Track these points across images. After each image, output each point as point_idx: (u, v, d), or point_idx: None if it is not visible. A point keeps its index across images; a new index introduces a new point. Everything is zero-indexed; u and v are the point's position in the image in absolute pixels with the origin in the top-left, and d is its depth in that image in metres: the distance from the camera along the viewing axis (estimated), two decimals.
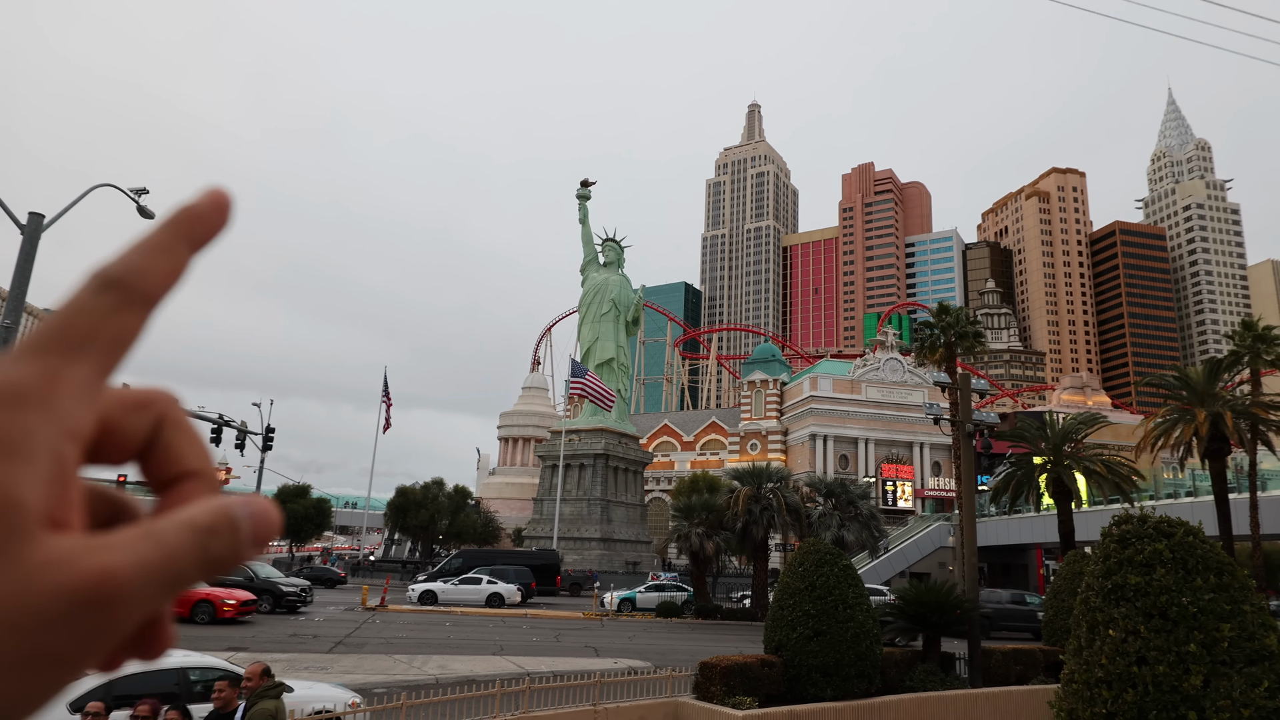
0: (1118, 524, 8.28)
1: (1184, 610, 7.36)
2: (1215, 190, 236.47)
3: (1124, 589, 7.73)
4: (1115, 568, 7.93)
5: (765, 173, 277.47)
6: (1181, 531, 7.86)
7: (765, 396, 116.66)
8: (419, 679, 21.47)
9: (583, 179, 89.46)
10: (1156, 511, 8.46)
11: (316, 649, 27.12)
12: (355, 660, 25.02)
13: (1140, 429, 39.82)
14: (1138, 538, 7.94)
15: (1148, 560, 7.74)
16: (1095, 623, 7.85)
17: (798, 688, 16.97)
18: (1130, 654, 7.40)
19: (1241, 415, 35.82)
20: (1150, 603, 7.53)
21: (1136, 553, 7.83)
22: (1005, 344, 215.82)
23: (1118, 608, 7.71)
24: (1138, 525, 8.06)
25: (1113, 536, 8.21)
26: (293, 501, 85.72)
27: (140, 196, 28.58)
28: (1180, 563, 7.63)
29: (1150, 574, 7.66)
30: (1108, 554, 8.11)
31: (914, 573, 68.13)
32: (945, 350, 44.96)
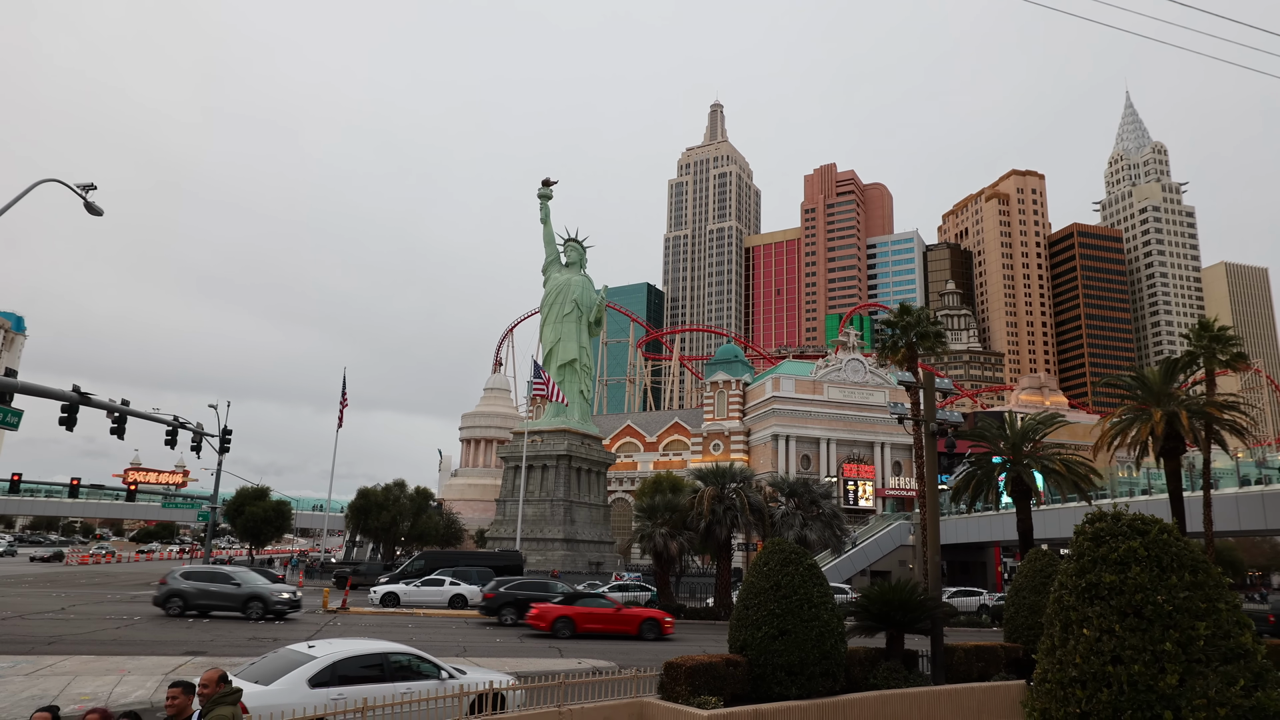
0: (1091, 522, 8.17)
1: (1159, 608, 7.25)
2: (1171, 193, 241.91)
3: (1098, 587, 7.61)
4: (1089, 566, 7.81)
5: (728, 173, 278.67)
6: (1156, 529, 7.77)
7: (728, 397, 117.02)
8: None
9: (544, 179, 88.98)
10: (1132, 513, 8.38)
11: None
12: None
13: (1097, 428, 40.33)
14: (1112, 535, 7.84)
15: (1122, 558, 7.63)
16: (1069, 621, 7.72)
17: (763, 687, 16.84)
18: (1105, 653, 7.28)
19: (1196, 415, 36.33)
20: (1125, 601, 7.41)
21: (1111, 550, 7.72)
22: (965, 344, 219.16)
23: (1092, 606, 7.58)
24: (1112, 523, 7.95)
25: (1086, 534, 8.10)
26: (252, 504, 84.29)
27: (88, 193, 27.81)
28: (1155, 560, 7.52)
29: (1125, 572, 7.54)
30: (1081, 552, 8.00)
31: (875, 571, 68.76)
32: (907, 350, 45.26)
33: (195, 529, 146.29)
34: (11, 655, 23.61)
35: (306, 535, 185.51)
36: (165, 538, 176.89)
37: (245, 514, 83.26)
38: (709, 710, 14.87)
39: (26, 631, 29.67)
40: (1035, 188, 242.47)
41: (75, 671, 21.31)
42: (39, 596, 46.23)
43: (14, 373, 33.79)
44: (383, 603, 46.58)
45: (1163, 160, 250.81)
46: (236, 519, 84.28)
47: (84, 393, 33.28)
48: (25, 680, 19.87)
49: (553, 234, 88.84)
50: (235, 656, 24.79)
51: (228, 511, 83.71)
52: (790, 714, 15.81)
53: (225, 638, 30.14)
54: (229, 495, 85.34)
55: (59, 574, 72.60)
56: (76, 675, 20.78)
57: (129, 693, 18.88)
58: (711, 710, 14.89)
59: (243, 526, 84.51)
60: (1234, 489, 43.46)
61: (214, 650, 26.43)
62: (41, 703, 16.64)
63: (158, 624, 33.84)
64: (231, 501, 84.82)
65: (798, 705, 16.00)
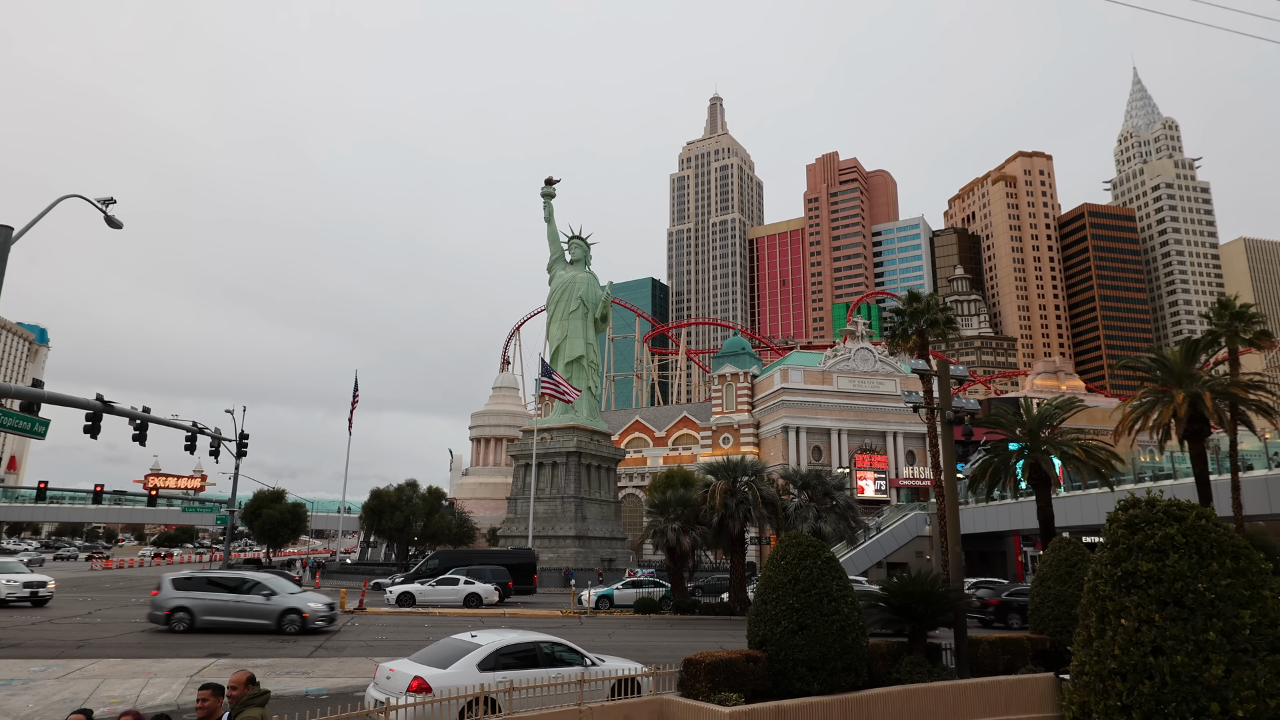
0: (1125, 508, 7.88)
1: (1200, 597, 6.97)
2: (1184, 169, 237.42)
3: (1135, 576, 7.33)
4: (1125, 554, 7.52)
5: (729, 166, 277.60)
6: (1194, 515, 7.48)
7: (736, 390, 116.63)
8: None
9: (547, 177, 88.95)
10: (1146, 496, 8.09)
11: (298, 653, 27.01)
12: (336, 664, 24.89)
13: (1117, 412, 39.71)
14: (1147, 522, 7.55)
15: (1159, 545, 7.35)
16: (1105, 612, 7.45)
17: (783, 682, 16.58)
18: (1145, 644, 7.00)
19: (1221, 395, 35.47)
20: (1164, 590, 7.14)
21: (1147, 538, 7.44)
22: (976, 330, 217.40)
23: (1129, 596, 7.31)
24: (1146, 509, 7.66)
25: (1120, 522, 7.81)
26: (268, 507, 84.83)
27: (108, 207, 28.06)
28: (1194, 547, 7.24)
29: (1163, 560, 7.26)
30: (1116, 540, 7.71)
31: (891, 563, 68.38)
32: (917, 338, 44.81)
33: (214, 532, 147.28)
34: (43, 659, 24.13)
35: (322, 536, 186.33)
36: (185, 541, 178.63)
37: (262, 517, 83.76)
38: (730, 707, 14.68)
39: (56, 636, 30.32)
40: (1043, 169, 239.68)
41: (104, 674, 21.70)
42: (66, 601, 46.69)
43: (40, 383, 34.75)
44: (399, 603, 46.57)
45: (1174, 136, 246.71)
46: (254, 522, 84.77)
47: (107, 401, 33.65)
48: (56, 684, 20.30)
49: (557, 232, 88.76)
50: (258, 658, 25.23)
51: (245, 515, 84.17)
52: (813, 710, 15.58)
53: (249, 639, 30.34)
54: (246, 499, 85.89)
55: (85, 578, 73.44)
56: (105, 678, 21.17)
57: (156, 695, 19.20)
58: (733, 707, 14.69)
59: (260, 529, 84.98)
60: (1264, 471, 42.24)
61: (237, 652, 26.64)
62: (74, 705, 17.45)
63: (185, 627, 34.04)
64: (249, 505, 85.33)
65: (820, 701, 15.77)
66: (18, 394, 30.41)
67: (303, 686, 20.67)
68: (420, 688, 14.35)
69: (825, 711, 15.71)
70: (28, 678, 20.90)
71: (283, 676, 22.09)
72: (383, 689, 15.17)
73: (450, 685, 14.16)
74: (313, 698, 19.37)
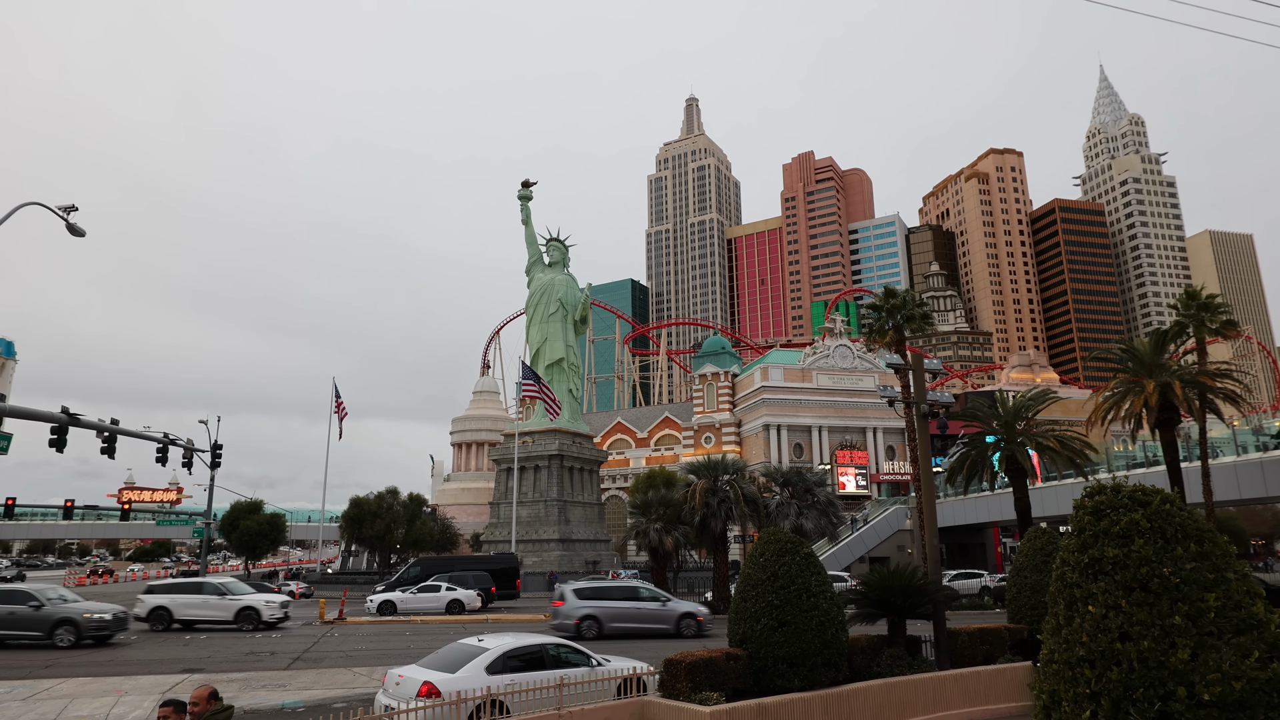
0: (1090, 495, 7.92)
1: (1166, 581, 7.01)
2: (1150, 164, 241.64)
3: (1102, 562, 7.37)
4: (1091, 540, 7.56)
5: (706, 166, 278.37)
6: (1158, 500, 7.53)
7: (717, 389, 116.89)
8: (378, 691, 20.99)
9: (524, 179, 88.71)
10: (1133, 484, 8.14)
11: (274, 666, 26.68)
12: (314, 675, 24.54)
13: (1090, 403, 40.10)
14: (1113, 508, 7.59)
15: (1124, 531, 7.39)
16: (1073, 599, 7.48)
17: (764, 680, 16.61)
18: (1112, 630, 7.03)
19: (1190, 384, 36.04)
20: (1130, 575, 7.17)
21: (1113, 524, 7.48)
22: (952, 325, 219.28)
23: (1096, 582, 7.34)
24: (1112, 495, 7.71)
25: (1086, 509, 7.85)
26: (246, 518, 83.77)
27: (69, 214, 27.69)
28: (1159, 532, 7.28)
29: (1128, 545, 7.30)
30: (1082, 527, 7.76)
31: (874, 557, 68.70)
32: (894, 333, 45.06)
33: (191, 545, 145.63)
34: (8, 680, 23.50)
35: (303, 546, 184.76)
36: (161, 555, 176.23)
37: (240, 528, 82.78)
38: (711, 706, 14.66)
39: (23, 656, 29.43)
40: (1014, 165, 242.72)
41: (72, 694, 21.21)
42: None
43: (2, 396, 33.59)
44: (380, 611, 46.18)
45: (1140, 132, 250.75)
46: (231, 533, 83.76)
47: (73, 414, 33.17)
48: (21, 705, 19.78)
49: (535, 234, 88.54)
50: (232, 673, 24.78)
51: (222, 526, 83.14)
52: (794, 707, 15.59)
53: (222, 654, 29.88)
54: (222, 510, 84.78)
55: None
56: (74, 698, 20.69)
57: (126, 713, 18.84)
58: (714, 706, 14.67)
59: (238, 540, 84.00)
60: (1232, 458, 43.13)
61: (211, 667, 26.18)
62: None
63: (154, 643, 33.55)
64: (226, 516, 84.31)
65: (801, 697, 15.79)
66: None
67: (279, 700, 20.35)
68: (430, 692, 14.55)
69: (806, 708, 15.72)
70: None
71: (258, 690, 21.77)
72: (392, 695, 15.40)
73: (460, 688, 14.34)
74: (289, 711, 19.14)
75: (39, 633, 31.28)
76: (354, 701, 19.58)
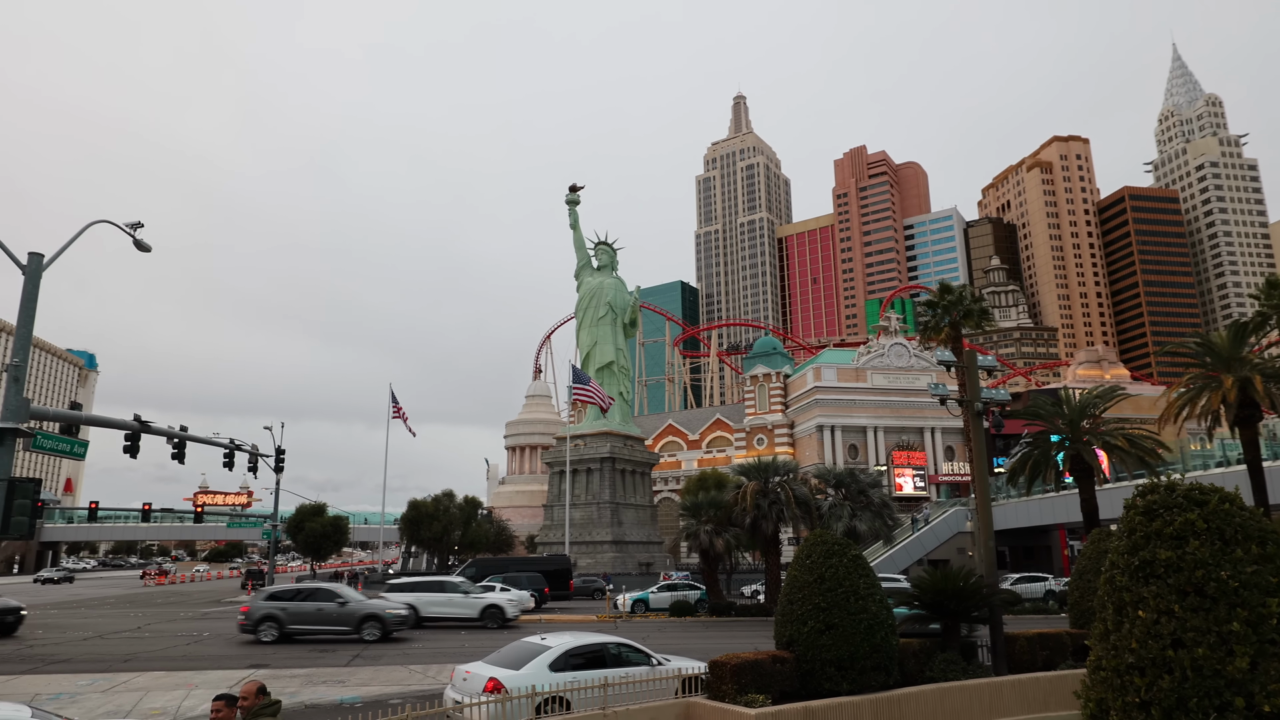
0: (1143, 494, 7.50)
1: (1224, 585, 6.58)
2: (1230, 147, 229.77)
3: (1153, 565, 6.96)
4: (1142, 542, 7.15)
5: (755, 164, 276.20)
6: (1216, 499, 7.08)
7: (769, 390, 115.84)
8: (432, 688, 21.79)
9: (571, 184, 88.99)
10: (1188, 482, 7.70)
11: (335, 663, 27.54)
12: (372, 672, 25.28)
13: (1162, 400, 38.36)
14: (1166, 508, 7.17)
15: (1179, 532, 6.97)
16: (1122, 603, 7.09)
17: (812, 683, 16.30)
18: (1164, 636, 6.64)
19: (1272, 379, 34.08)
20: (1184, 579, 6.76)
21: (1166, 525, 7.06)
22: (1015, 321, 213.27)
23: (1147, 586, 6.94)
24: (1165, 495, 7.28)
25: (1138, 509, 7.44)
26: (310, 520, 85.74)
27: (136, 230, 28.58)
28: (1216, 533, 6.85)
29: (1182, 547, 6.88)
30: (1133, 528, 7.35)
31: (932, 560, 67.24)
32: (950, 329, 44.01)
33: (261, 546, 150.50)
34: (90, 673, 24.80)
35: (365, 548, 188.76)
36: (234, 556, 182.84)
37: (305, 530, 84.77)
38: (757, 709, 14.45)
39: (105, 650, 31.21)
40: (1080, 153, 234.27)
41: (147, 687, 22.25)
42: (118, 616, 48.30)
43: (79, 406, 36.03)
44: None
45: (1218, 113, 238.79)
46: (297, 535, 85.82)
47: (144, 422, 34.48)
48: (101, 697, 20.91)
49: (582, 239, 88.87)
50: (296, 668, 25.79)
51: (288, 528, 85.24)
52: (842, 710, 15.26)
53: (288, 652, 30.82)
54: (288, 513, 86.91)
55: (138, 594, 75.31)
56: (148, 691, 21.73)
57: (195, 706, 19.75)
58: (760, 709, 14.46)
59: (303, 542, 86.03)
60: None
61: (277, 663, 27.08)
62: (118, 716, 18.53)
63: (225, 640, 34.93)
64: (291, 519, 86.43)
65: (850, 701, 15.45)
66: (56, 416, 31.33)
67: (338, 695, 20.97)
68: (495, 688, 15.03)
69: (855, 711, 15.39)
70: (75, 691, 21.59)
71: (319, 686, 22.49)
72: (459, 690, 15.95)
73: (524, 685, 14.77)
74: (347, 706, 19.70)
75: (348, 627, 33.73)
76: (409, 698, 20.12)
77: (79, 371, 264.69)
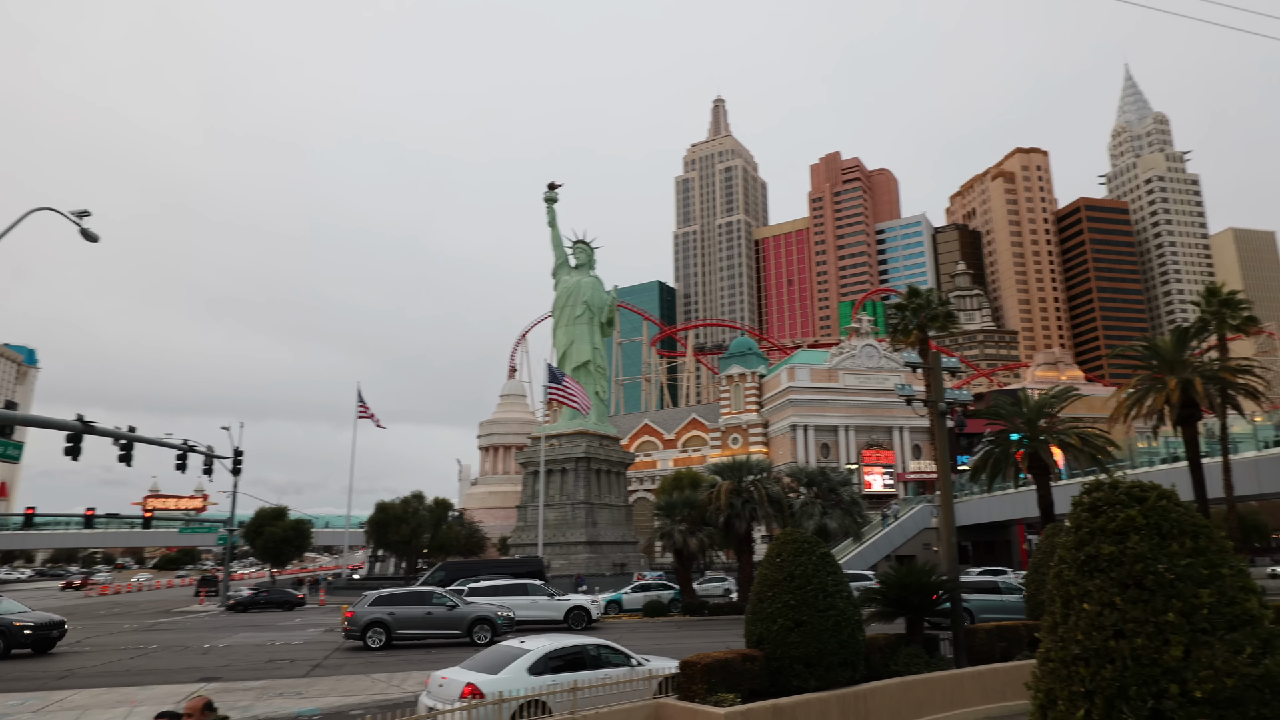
0: (1088, 491, 7.92)
1: (1160, 578, 6.99)
2: (1175, 162, 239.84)
3: (1098, 559, 7.35)
4: (1088, 538, 7.56)
5: (733, 167, 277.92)
6: (1154, 495, 7.50)
7: (744, 390, 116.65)
8: (398, 697, 21.07)
9: (549, 182, 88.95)
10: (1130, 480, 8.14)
11: (293, 673, 26.63)
12: (333, 682, 24.43)
13: (1112, 400, 39.94)
14: (1109, 504, 7.58)
15: (1120, 528, 7.38)
16: (1069, 596, 7.48)
17: (781, 680, 16.63)
18: (1106, 627, 7.03)
19: (1211, 380, 36.01)
20: (1125, 572, 7.16)
21: (1109, 520, 7.47)
22: (979, 324, 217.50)
23: (1092, 579, 7.33)
24: (1109, 492, 7.69)
25: (1084, 505, 7.85)
26: (270, 524, 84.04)
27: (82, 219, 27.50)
28: (1155, 528, 7.26)
29: (1124, 542, 7.28)
30: (1079, 523, 7.75)
31: (899, 556, 68.26)
32: (918, 332, 44.82)
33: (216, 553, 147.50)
34: (20, 692, 23.16)
35: (329, 552, 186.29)
36: (186, 563, 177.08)
37: (264, 534, 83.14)
38: (726, 708, 14.68)
39: (38, 667, 29.13)
40: (1040, 164, 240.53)
41: (85, 705, 20.88)
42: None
43: (15, 405, 33.38)
44: None
45: (1165, 130, 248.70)
46: (256, 540, 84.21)
47: (88, 421, 32.59)
48: (33, 717, 19.65)
49: (560, 237, 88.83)
50: (250, 681, 24.73)
51: (247, 533, 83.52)
52: (810, 707, 15.60)
53: (241, 661, 30.07)
54: (246, 517, 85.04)
55: (78, 605, 71.80)
56: (86, 709, 20.38)
57: None
58: (729, 708, 14.70)
59: (262, 547, 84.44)
60: (1253, 452, 43.20)
61: (229, 675, 26.15)
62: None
63: (174, 652, 33.68)
64: (250, 523, 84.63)
65: (818, 697, 15.79)
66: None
67: (295, 708, 20.19)
68: (473, 693, 14.82)
69: (823, 707, 15.73)
70: (4, 713, 20.20)
71: (275, 698, 21.58)
72: (435, 696, 15.74)
73: (503, 689, 14.67)
74: (305, 718, 19.15)
75: (457, 630, 34.05)
76: (373, 708, 19.44)
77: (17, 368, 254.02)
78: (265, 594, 63.30)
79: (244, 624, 48.51)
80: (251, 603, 61.20)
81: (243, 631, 43.07)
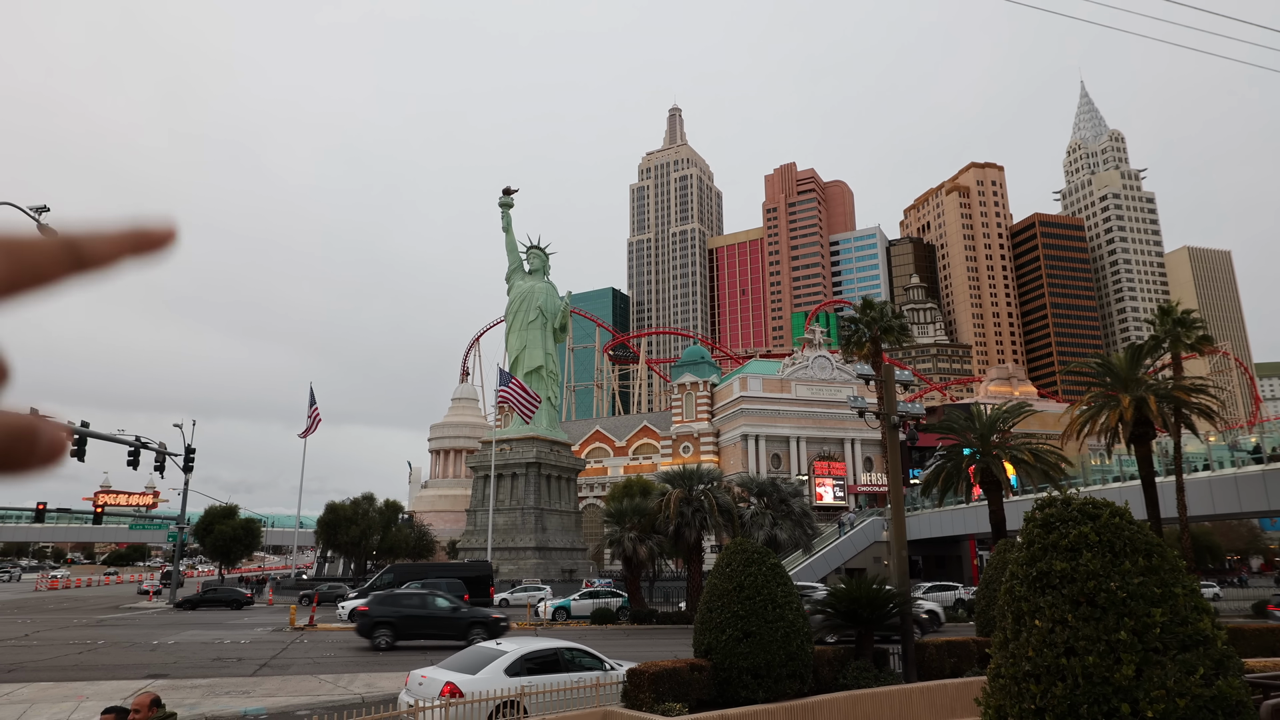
0: (1041, 508, 7.85)
1: (1113, 596, 6.93)
2: (1130, 180, 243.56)
3: (1049, 576, 7.28)
4: (1040, 554, 7.49)
5: (688, 176, 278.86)
6: (1108, 513, 7.46)
7: (696, 399, 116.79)
8: (344, 699, 21.15)
9: (505, 187, 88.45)
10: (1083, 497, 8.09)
11: (240, 672, 26.44)
12: (279, 682, 24.35)
13: (1066, 417, 40.25)
14: (1062, 521, 7.52)
15: (1073, 544, 7.32)
16: (1021, 613, 7.40)
17: (729, 691, 16.50)
18: (1058, 645, 6.95)
19: (1165, 399, 36.17)
20: (1077, 589, 7.09)
21: (1061, 537, 7.40)
22: (932, 338, 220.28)
23: (1043, 596, 7.26)
24: (1062, 508, 7.64)
25: (1036, 521, 7.78)
26: (220, 523, 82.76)
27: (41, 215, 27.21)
28: (1107, 545, 7.21)
29: (1076, 559, 7.22)
30: (1031, 539, 7.68)
31: (849, 568, 68.70)
32: (871, 344, 45.29)
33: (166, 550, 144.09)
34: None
35: (279, 552, 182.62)
36: (136, 559, 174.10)
37: (214, 533, 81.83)
38: (673, 718, 14.51)
39: None
40: (995, 179, 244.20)
41: (32, 699, 20.93)
42: (3, 624, 45.21)
43: None
44: (351, 618, 45.62)
45: (1120, 148, 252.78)
46: (206, 538, 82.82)
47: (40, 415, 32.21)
48: None
49: (515, 242, 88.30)
50: (197, 678, 24.61)
51: (196, 531, 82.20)
52: (756, 718, 15.45)
53: (189, 659, 29.64)
54: (197, 515, 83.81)
55: (27, 600, 71.21)
56: (33, 703, 20.41)
57: (85, 719, 18.72)
58: (676, 718, 14.53)
59: (212, 545, 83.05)
60: (1207, 473, 43.46)
61: (176, 672, 25.88)
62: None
63: (122, 648, 33.27)
64: (200, 521, 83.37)
65: (765, 709, 15.62)
66: None
67: (241, 706, 20.16)
68: (452, 692, 15.21)
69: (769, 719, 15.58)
70: None
71: (222, 696, 21.57)
72: (414, 694, 16.04)
73: (480, 689, 15.12)
74: (251, 717, 19.03)
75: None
76: (319, 708, 19.57)
77: None
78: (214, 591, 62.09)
79: (192, 621, 48.24)
80: (200, 600, 59.95)
81: (191, 629, 42.74)
